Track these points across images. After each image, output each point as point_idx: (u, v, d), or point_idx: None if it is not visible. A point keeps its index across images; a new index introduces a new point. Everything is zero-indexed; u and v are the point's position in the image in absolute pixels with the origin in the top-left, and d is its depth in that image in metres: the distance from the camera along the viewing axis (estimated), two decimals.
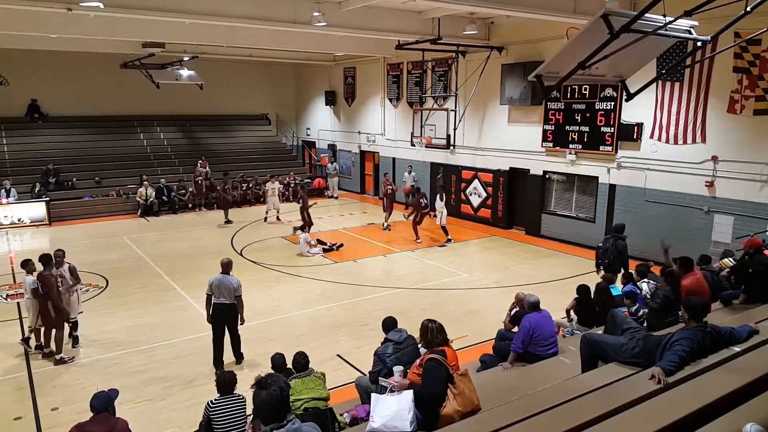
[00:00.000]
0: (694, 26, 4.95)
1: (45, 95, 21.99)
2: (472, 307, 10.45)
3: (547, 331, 6.21)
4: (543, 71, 5.09)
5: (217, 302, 7.77)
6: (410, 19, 14.67)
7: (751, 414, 3.74)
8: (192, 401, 6.87)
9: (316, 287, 11.69)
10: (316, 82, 26.02)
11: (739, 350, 5.03)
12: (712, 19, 5.13)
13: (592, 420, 3.96)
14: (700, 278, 7.39)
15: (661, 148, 12.99)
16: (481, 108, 17.56)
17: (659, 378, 4.45)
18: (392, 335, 5.61)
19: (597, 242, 14.45)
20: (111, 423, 4.42)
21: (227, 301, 7.77)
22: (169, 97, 23.19)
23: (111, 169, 21.32)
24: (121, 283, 11.92)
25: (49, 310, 7.98)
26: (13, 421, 6.65)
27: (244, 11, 12.04)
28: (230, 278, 7.83)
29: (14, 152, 20.56)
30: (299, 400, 4.98)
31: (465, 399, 4.41)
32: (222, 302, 7.76)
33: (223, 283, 7.77)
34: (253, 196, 21.76)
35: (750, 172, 11.50)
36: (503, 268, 13.10)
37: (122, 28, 13.61)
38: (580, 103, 14.56)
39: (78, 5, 10.16)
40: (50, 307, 7.98)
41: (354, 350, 8.47)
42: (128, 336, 9.08)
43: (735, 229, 11.69)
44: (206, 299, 7.85)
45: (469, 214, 18.45)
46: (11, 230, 17.25)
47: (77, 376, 7.79)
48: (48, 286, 7.99)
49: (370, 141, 22.82)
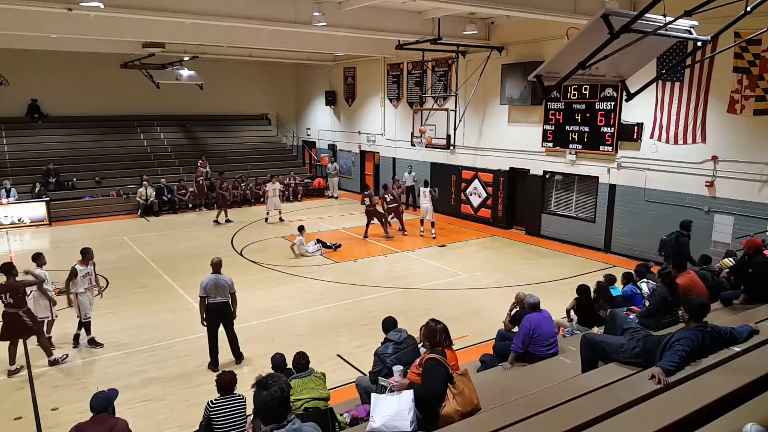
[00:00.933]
0: (694, 26, 4.94)
1: (45, 95, 22.00)
2: (472, 307, 10.45)
3: (548, 332, 6.22)
4: (543, 71, 5.08)
5: (213, 302, 7.79)
6: (410, 19, 14.67)
7: (751, 414, 3.74)
8: (192, 401, 6.87)
9: (316, 287, 11.70)
10: (317, 82, 26.02)
11: (739, 350, 5.03)
12: (712, 19, 5.12)
13: (592, 420, 3.96)
14: (694, 277, 7.44)
15: (661, 148, 12.99)
16: (481, 108, 17.56)
17: (659, 378, 4.45)
18: (392, 335, 5.62)
19: (597, 242, 14.62)
20: (111, 423, 4.43)
21: (223, 300, 7.84)
22: (169, 97, 23.21)
23: (111, 169, 21.34)
24: (122, 283, 11.92)
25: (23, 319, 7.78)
26: (14, 421, 6.65)
27: (244, 11, 12.04)
28: (223, 277, 7.89)
29: (14, 152, 20.57)
30: (299, 400, 4.98)
31: (465, 399, 4.41)
32: (218, 301, 7.81)
33: (218, 283, 7.81)
34: (252, 196, 21.77)
35: (750, 172, 11.50)
36: (503, 268, 13.10)
37: (122, 28, 13.61)
38: (580, 103, 14.56)
39: (78, 5, 10.15)
40: (25, 316, 7.80)
41: (354, 350, 8.47)
42: (128, 336, 9.08)
43: (735, 229, 11.68)
44: (200, 302, 7.85)
45: (470, 214, 18.45)
46: (11, 230, 17.25)
47: (77, 376, 7.79)
48: (14, 295, 7.72)
49: (371, 141, 22.82)
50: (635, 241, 13.69)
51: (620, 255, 13.89)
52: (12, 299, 7.73)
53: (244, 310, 10.25)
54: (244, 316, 9.99)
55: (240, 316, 9.94)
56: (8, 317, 7.76)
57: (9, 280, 7.84)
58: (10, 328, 7.78)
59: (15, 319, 7.73)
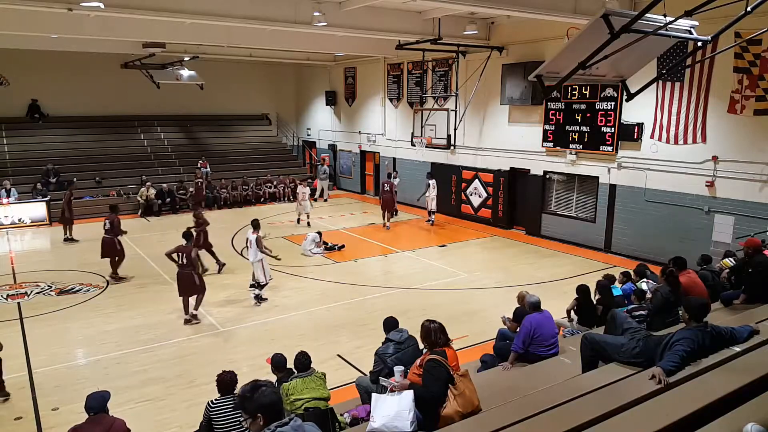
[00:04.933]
0: (694, 26, 4.94)
1: (45, 95, 21.99)
2: (472, 307, 10.45)
3: (548, 332, 6.21)
4: (543, 71, 5.08)
5: None
6: (411, 19, 14.68)
7: (751, 414, 3.75)
8: (192, 401, 6.87)
9: (316, 287, 11.70)
10: (317, 82, 26.02)
11: (739, 350, 5.03)
12: (712, 19, 5.13)
13: (592, 420, 3.96)
14: (694, 277, 7.43)
15: (661, 148, 12.98)
16: (482, 108, 17.56)
17: (659, 378, 4.45)
18: (393, 335, 5.62)
19: (597, 242, 14.61)
20: (108, 423, 4.42)
21: None
22: (169, 97, 23.20)
23: (111, 169, 21.33)
24: (122, 283, 11.94)
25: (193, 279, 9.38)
26: (14, 421, 6.66)
27: (245, 11, 12.05)
28: None
29: (15, 152, 20.57)
30: (300, 400, 4.98)
31: (465, 399, 4.41)
32: None
33: None
34: (253, 196, 21.77)
35: (750, 172, 11.50)
36: (503, 268, 13.10)
37: (123, 28, 13.61)
38: (580, 103, 14.56)
39: (79, 5, 10.16)
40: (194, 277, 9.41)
41: (354, 350, 8.48)
42: (128, 336, 9.08)
43: (735, 229, 11.68)
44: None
45: (470, 214, 18.45)
46: (12, 230, 17.25)
47: (78, 376, 7.79)
48: (188, 257, 9.37)
49: (371, 141, 22.83)
50: (635, 241, 13.69)
51: (620, 255, 13.89)
52: (186, 260, 9.34)
53: (244, 310, 10.32)
54: (245, 315, 10.03)
55: (240, 316, 10.02)
56: (182, 276, 9.40)
57: (187, 244, 9.52)
58: (182, 286, 9.42)
59: (187, 277, 9.36)
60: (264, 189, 22.15)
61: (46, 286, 11.67)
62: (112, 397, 4.78)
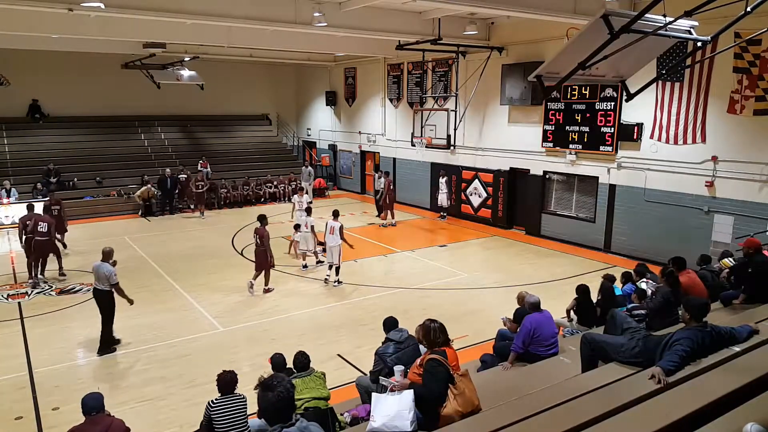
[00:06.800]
0: (694, 26, 4.95)
1: (46, 95, 22.01)
2: (472, 307, 10.45)
3: (548, 332, 6.22)
4: (543, 71, 5.09)
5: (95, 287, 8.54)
6: (411, 19, 14.68)
7: (751, 414, 3.74)
8: (192, 401, 6.87)
9: (316, 287, 11.70)
10: (317, 82, 26.03)
11: (739, 350, 5.03)
12: (712, 20, 5.14)
13: (592, 420, 3.96)
14: (694, 276, 7.44)
15: (661, 149, 12.99)
16: (482, 108, 17.57)
17: (659, 378, 4.45)
18: (393, 335, 5.63)
19: (597, 242, 14.62)
20: (107, 423, 4.42)
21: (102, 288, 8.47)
22: (169, 98, 23.22)
23: (112, 169, 21.34)
24: (122, 283, 11.70)
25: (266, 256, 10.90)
26: (14, 421, 6.66)
27: (245, 11, 12.05)
28: (105, 266, 8.48)
29: (15, 152, 20.58)
30: (300, 400, 4.99)
31: (465, 399, 4.42)
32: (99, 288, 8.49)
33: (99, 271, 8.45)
34: (254, 196, 21.78)
35: (750, 172, 11.50)
36: (503, 268, 13.11)
37: (123, 28, 13.62)
38: (580, 103, 14.57)
39: (79, 5, 10.17)
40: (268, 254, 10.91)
41: (354, 350, 8.48)
42: (128, 336, 9.08)
43: (735, 229, 11.68)
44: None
45: (470, 214, 18.45)
46: (12, 230, 17.24)
47: (78, 376, 7.80)
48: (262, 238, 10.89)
49: (371, 141, 22.83)
50: (635, 241, 13.70)
51: (620, 255, 13.89)
52: (261, 241, 10.89)
53: (245, 309, 10.33)
54: (245, 315, 10.04)
55: (240, 316, 10.03)
56: (259, 254, 11.02)
57: (262, 227, 11.05)
58: (257, 262, 11.10)
59: (262, 255, 10.95)
60: (264, 189, 22.16)
61: (46, 286, 11.69)
62: (112, 397, 4.79)
